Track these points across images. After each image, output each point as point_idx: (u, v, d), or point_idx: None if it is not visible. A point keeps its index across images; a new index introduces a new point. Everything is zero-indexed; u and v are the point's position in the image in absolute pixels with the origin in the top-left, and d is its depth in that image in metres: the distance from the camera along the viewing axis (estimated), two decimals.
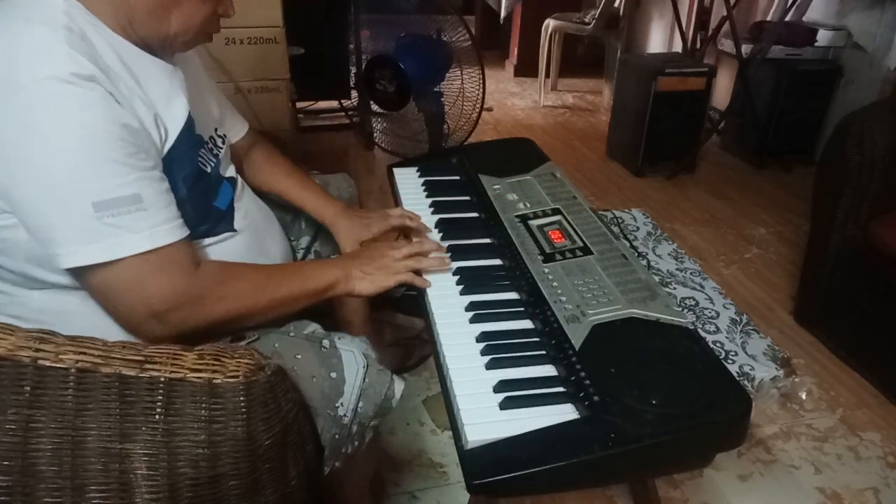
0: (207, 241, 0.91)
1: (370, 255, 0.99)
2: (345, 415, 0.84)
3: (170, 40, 0.84)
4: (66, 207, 0.71)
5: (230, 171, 1.02)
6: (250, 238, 0.98)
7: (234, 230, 0.95)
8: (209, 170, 0.93)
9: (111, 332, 0.79)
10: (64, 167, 0.70)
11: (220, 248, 0.92)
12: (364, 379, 0.85)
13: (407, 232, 1.14)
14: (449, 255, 1.05)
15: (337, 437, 0.84)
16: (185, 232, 0.79)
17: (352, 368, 0.85)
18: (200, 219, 0.89)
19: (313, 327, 0.91)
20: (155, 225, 0.75)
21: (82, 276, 0.76)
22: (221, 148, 1.00)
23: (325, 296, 0.93)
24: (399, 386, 0.88)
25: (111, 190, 0.72)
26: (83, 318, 0.82)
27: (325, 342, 0.86)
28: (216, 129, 1.01)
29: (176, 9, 0.81)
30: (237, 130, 1.13)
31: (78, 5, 0.77)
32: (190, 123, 0.88)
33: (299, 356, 0.84)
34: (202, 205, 0.90)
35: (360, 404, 0.84)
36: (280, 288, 0.88)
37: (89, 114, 0.71)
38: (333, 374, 0.83)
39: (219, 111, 1.06)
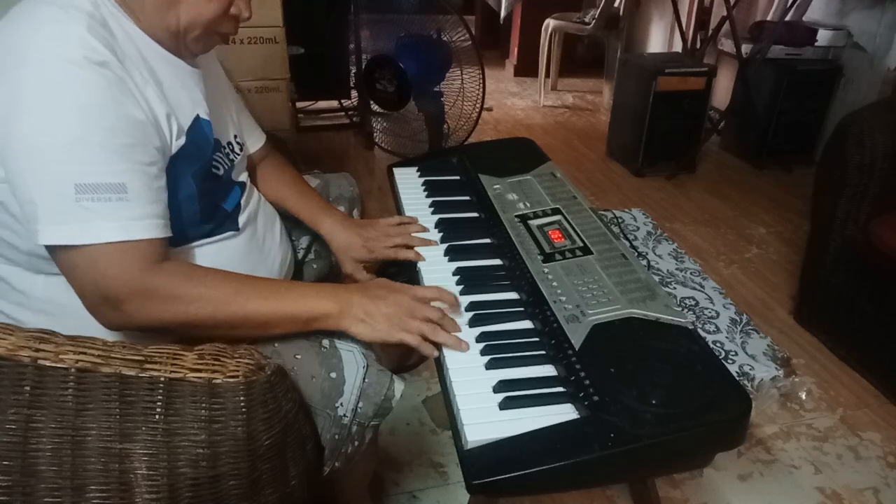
0: (210, 239, 0.91)
1: (383, 297, 0.86)
2: (344, 415, 0.84)
3: (180, 37, 0.84)
4: (48, 184, 0.71)
5: (242, 177, 1.03)
6: (251, 238, 0.98)
7: (237, 230, 0.95)
8: (221, 172, 0.94)
9: None
10: (54, 143, 0.70)
11: (220, 246, 0.92)
12: (364, 379, 0.85)
13: (409, 243, 1.09)
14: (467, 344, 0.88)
15: (337, 436, 0.84)
16: (164, 232, 0.78)
17: (352, 368, 0.85)
18: (207, 217, 0.89)
19: None
20: (133, 218, 0.74)
21: (52, 252, 0.75)
22: (238, 154, 1.01)
23: (309, 327, 0.83)
24: (399, 386, 0.88)
25: (96, 175, 0.71)
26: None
27: (325, 342, 0.86)
28: (235, 136, 1.02)
29: (184, 2, 0.82)
30: (253, 141, 1.13)
31: None
32: (203, 123, 0.88)
33: (299, 356, 0.84)
34: (210, 204, 0.90)
35: (360, 404, 0.84)
36: (247, 304, 0.79)
37: (91, 97, 0.71)
38: (333, 374, 0.83)
39: (237, 119, 1.06)
